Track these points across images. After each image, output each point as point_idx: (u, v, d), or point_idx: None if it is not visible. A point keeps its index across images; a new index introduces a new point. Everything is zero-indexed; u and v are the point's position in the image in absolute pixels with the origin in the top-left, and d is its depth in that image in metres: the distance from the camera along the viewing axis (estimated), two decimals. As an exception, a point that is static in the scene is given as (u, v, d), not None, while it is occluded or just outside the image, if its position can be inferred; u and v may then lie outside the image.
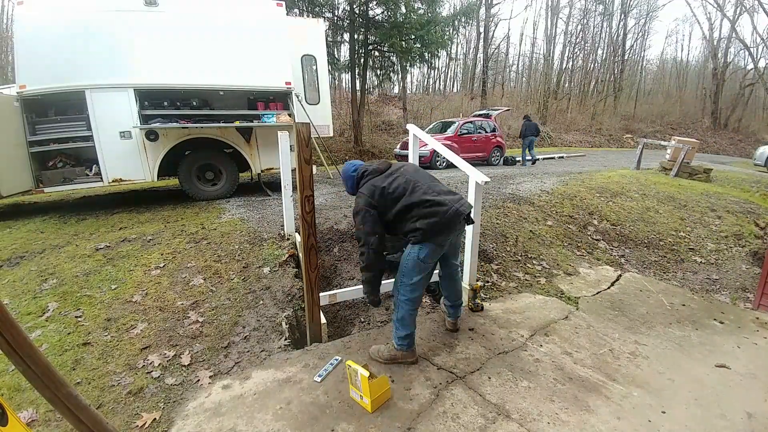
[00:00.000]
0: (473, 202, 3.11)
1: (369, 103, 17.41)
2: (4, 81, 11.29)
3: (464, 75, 29.89)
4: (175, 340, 2.53)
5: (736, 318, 3.12)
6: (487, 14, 22.90)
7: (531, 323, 2.88)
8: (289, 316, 2.87)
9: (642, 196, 6.49)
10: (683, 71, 34.58)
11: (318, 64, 6.72)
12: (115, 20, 5.06)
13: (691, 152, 9.18)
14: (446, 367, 2.33)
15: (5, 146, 4.71)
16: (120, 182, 5.39)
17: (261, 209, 4.99)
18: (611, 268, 4.19)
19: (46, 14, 4.86)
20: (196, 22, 5.46)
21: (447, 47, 15.26)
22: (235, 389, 2.15)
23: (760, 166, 12.91)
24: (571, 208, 5.49)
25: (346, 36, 14.03)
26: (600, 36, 29.09)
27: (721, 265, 4.85)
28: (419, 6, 13.38)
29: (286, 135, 3.68)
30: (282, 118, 5.84)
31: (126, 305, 2.83)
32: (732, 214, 6.20)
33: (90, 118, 5.00)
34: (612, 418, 1.96)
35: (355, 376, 1.95)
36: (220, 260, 3.46)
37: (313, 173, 2.45)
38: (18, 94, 4.83)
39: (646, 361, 2.47)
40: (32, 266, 3.43)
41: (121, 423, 1.95)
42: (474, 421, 1.91)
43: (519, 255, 4.06)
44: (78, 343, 2.45)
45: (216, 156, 5.86)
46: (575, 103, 26.83)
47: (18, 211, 5.61)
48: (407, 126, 4.24)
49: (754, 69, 25.87)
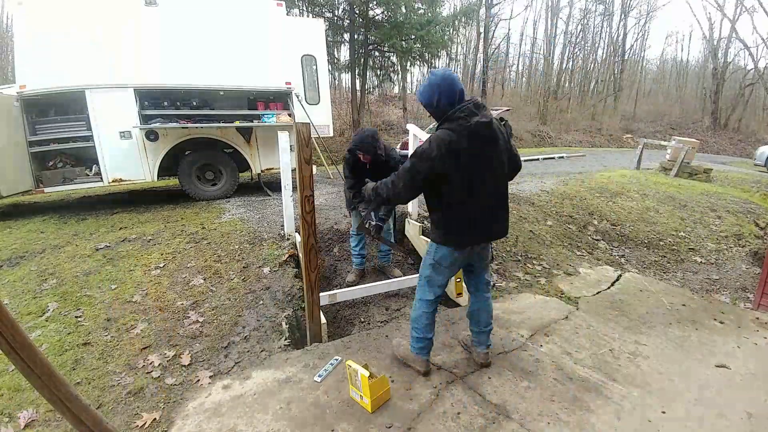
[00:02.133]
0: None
1: (369, 103, 17.41)
2: (4, 81, 11.28)
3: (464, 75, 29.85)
4: (175, 340, 2.53)
5: (736, 318, 3.11)
6: (487, 14, 22.88)
7: (531, 323, 2.88)
8: (289, 316, 2.88)
9: (642, 196, 6.49)
10: (683, 71, 34.57)
11: (318, 64, 6.72)
12: (115, 20, 5.06)
13: (691, 152, 9.18)
14: (446, 367, 2.33)
15: (5, 146, 4.71)
16: (120, 182, 5.39)
17: (261, 209, 4.99)
18: (611, 268, 4.19)
19: (46, 14, 4.86)
20: (196, 22, 5.46)
21: (447, 47, 15.25)
22: (235, 389, 2.15)
23: (760, 166, 12.91)
24: (571, 208, 5.49)
25: (346, 36, 14.03)
26: (600, 36, 29.07)
27: (721, 265, 4.85)
28: (419, 6, 13.38)
29: (286, 135, 3.68)
30: (282, 118, 5.84)
31: (126, 305, 2.83)
32: (732, 214, 6.20)
33: (90, 118, 5.00)
34: (612, 418, 1.96)
35: (355, 376, 1.95)
36: (220, 260, 3.46)
37: (313, 173, 2.45)
38: (18, 94, 4.82)
39: (646, 361, 2.47)
40: (32, 266, 3.43)
41: (121, 423, 1.95)
42: (474, 421, 1.91)
43: (519, 255, 4.06)
44: (78, 343, 2.45)
45: (216, 156, 5.86)
46: (575, 103, 26.82)
47: (18, 211, 5.61)
48: (407, 126, 4.25)
49: (754, 69, 25.86)
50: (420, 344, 2.18)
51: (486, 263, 2.24)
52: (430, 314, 2.15)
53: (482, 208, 1.97)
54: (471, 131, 1.81)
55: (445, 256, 2.04)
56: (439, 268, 2.08)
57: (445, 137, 1.81)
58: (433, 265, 2.09)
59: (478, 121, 1.82)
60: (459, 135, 1.81)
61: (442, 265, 2.06)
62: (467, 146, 1.82)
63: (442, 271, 2.09)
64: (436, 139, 1.82)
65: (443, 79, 1.86)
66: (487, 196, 1.96)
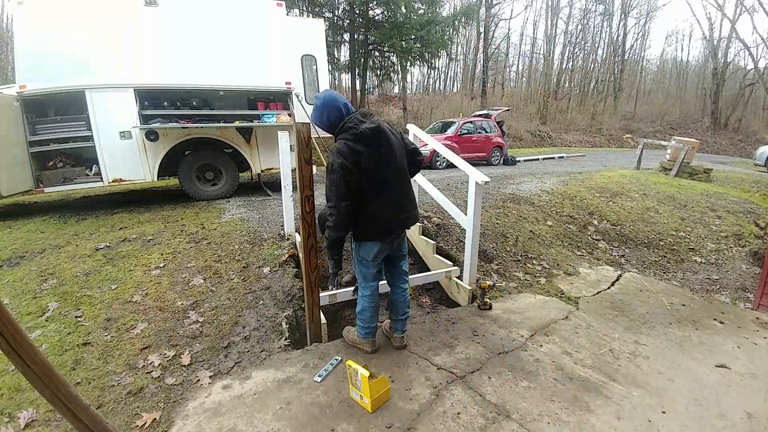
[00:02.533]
0: (473, 202, 3.12)
1: (369, 103, 17.42)
2: (4, 81, 11.29)
3: (464, 75, 29.89)
4: (175, 340, 2.53)
5: (736, 318, 3.12)
6: (487, 14, 22.90)
7: (531, 323, 2.88)
8: (289, 316, 2.88)
9: (642, 196, 6.49)
10: (683, 71, 34.60)
11: (318, 64, 6.72)
12: (115, 20, 5.06)
13: (691, 152, 9.18)
14: (446, 367, 2.33)
15: (5, 146, 4.71)
16: (120, 182, 5.39)
17: (261, 209, 4.99)
18: (611, 268, 4.19)
19: (46, 14, 4.86)
20: (196, 22, 5.46)
21: (447, 47, 15.26)
22: (235, 389, 2.15)
23: (760, 166, 12.91)
24: (571, 208, 5.49)
25: (346, 36, 14.04)
26: (600, 36, 29.11)
27: (721, 265, 4.85)
28: (419, 6, 13.40)
29: (286, 135, 3.68)
30: (282, 118, 5.84)
31: (126, 305, 2.83)
32: (732, 214, 6.20)
33: (90, 118, 5.01)
34: (612, 418, 1.96)
35: (355, 376, 1.95)
36: (220, 260, 3.46)
37: (313, 173, 2.45)
38: (18, 94, 4.82)
39: (646, 361, 2.47)
40: (32, 266, 3.43)
41: (121, 423, 1.95)
42: (474, 421, 1.91)
43: (519, 255, 4.06)
44: (78, 343, 2.45)
45: (216, 156, 5.86)
46: (575, 103, 26.84)
47: (18, 211, 5.61)
48: (407, 126, 4.25)
49: (754, 69, 25.88)
50: (366, 331, 2.44)
51: (403, 254, 2.47)
52: (371, 308, 2.38)
53: (389, 202, 2.19)
54: (362, 136, 2.05)
55: (366, 251, 2.27)
56: (365, 262, 2.31)
57: (342, 146, 2.05)
58: (360, 261, 2.33)
59: (366, 127, 2.07)
60: (353, 141, 2.05)
61: (366, 259, 2.29)
62: (363, 150, 2.05)
63: (368, 265, 2.31)
64: (337, 150, 2.06)
65: (324, 99, 2.14)
66: (391, 191, 2.19)
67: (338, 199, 2.07)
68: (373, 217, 2.17)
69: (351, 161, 2.01)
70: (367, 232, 2.21)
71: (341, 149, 2.04)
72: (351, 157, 2.02)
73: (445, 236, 4.23)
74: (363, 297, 2.40)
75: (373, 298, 2.38)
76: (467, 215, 3.25)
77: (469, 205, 3.18)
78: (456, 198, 4.93)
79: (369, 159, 2.06)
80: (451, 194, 5.26)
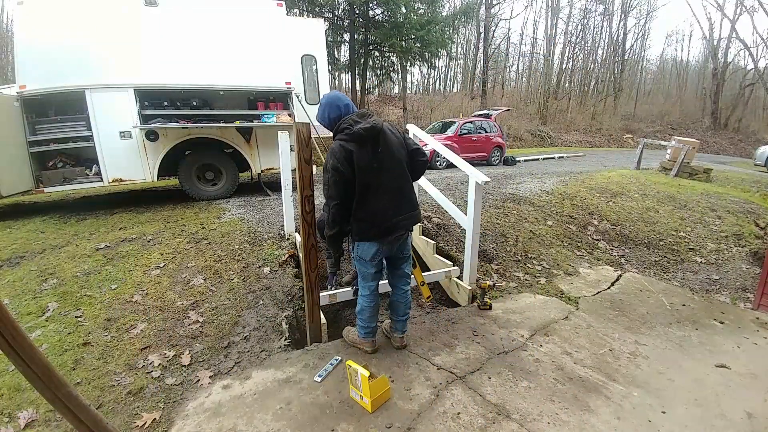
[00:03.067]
0: (473, 202, 3.12)
1: (369, 103, 17.42)
2: (4, 81, 11.28)
3: (464, 75, 29.88)
4: (175, 340, 2.53)
5: (736, 318, 3.12)
6: (487, 14, 22.90)
7: (531, 323, 2.88)
8: (289, 316, 2.88)
9: (642, 196, 6.49)
10: (683, 71, 34.60)
11: (318, 64, 6.72)
12: (116, 20, 5.06)
13: (691, 152, 9.17)
14: (446, 367, 2.33)
15: (5, 146, 4.71)
16: (120, 182, 5.39)
17: (261, 209, 4.99)
18: (611, 268, 4.19)
19: (46, 14, 4.86)
20: (196, 22, 5.46)
21: (447, 47, 15.26)
22: (235, 389, 2.15)
23: (760, 166, 12.91)
24: (571, 208, 5.49)
25: (346, 36, 14.04)
26: (600, 36, 29.11)
27: (721, 265, 4.85)
28: (419, 6, 13.40)
29: (286, 135, 3.68)
30: (282, 118, 5.84)
31: (126, 305, 2.83)
32: (732, 214, 6.20)
33: (90, 118, 5.00)
34: (612, 418, 1.96)
35: (355, 376, 1.95)
36: (220, 260, 3.46)
37: (313, 173, 2.45)
38: (18, 94, 4.83)
39: (646, 361, 2.47)
40: (32, 266, 3.43)
41: (121, 423, 1.95)
42: (474, 421, 1.91)
43: (519, 255, 4.06)
44: (78, 343, 2.45)
45: (216, 156, 5.86)
46: (575, 103, 26.83)
47: (18, 211, 5.61)
48: (407, 126, 4.25)
49: (754, 69, 25.89)
50: (366, 331, 2.43)
51: (405, 256, 2.45)
52: (371, 308, 2.38)
53: (387, 203, 2.18)
54: (355, 137, 2.06)
55: (364, 251, 2.26)
56: (363, 262, 2.30)
57: (336, 147, 2.09)
58: (359, 260, 2.32)
59: (361, 127, 2.07)
60: (347, 142, 2.07)
61: (364, 258, 2.28)
62: (356, 150, 2.06)
63: (366, 264, 2.30)
64: (331, 151, 2.10)
65: (328, 97, 2.21)
66: (389, 192, 2.18)
67: (330, 198, 2.13)
68: (370, 217, 2.17)
69: (343, 162, 2.04)
70: (364, 232, 2.21)
71: (335, 150, 2.08)
72: (344, 158, 2.05)
73: (445, 236, 4.23)
74: (362, 297, 2.40)
75: (372, 298, 2.38)
76: (467, 215, 3.25)
77: (469, 205, 3.18)
78: (456, 198, 4.93)
79: (363, 159, 2.07)
80: (451, 194, 5.26)
